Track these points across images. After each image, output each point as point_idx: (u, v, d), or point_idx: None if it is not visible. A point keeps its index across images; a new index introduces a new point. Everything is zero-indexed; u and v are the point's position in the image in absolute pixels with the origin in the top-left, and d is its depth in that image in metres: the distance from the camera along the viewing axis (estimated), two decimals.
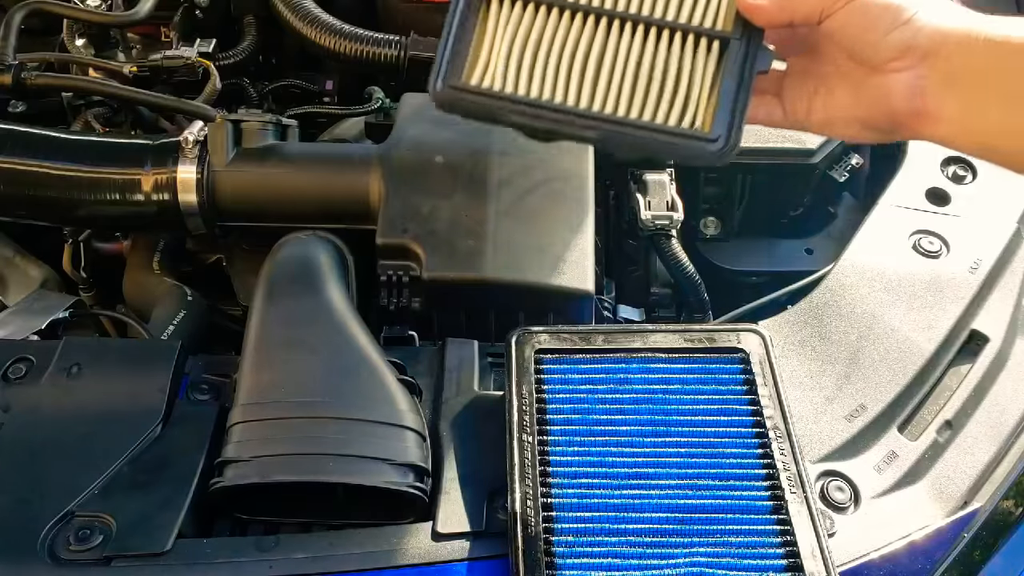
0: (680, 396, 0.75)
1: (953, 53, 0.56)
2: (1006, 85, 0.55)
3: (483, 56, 0.64)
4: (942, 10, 0.57)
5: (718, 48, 0.62)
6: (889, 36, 0.57)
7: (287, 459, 0.70)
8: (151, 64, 1.07)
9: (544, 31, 0.64)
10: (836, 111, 0.62)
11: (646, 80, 0.62)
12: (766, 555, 0.65)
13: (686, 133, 0.61)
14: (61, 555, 0.67)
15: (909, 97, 0.58)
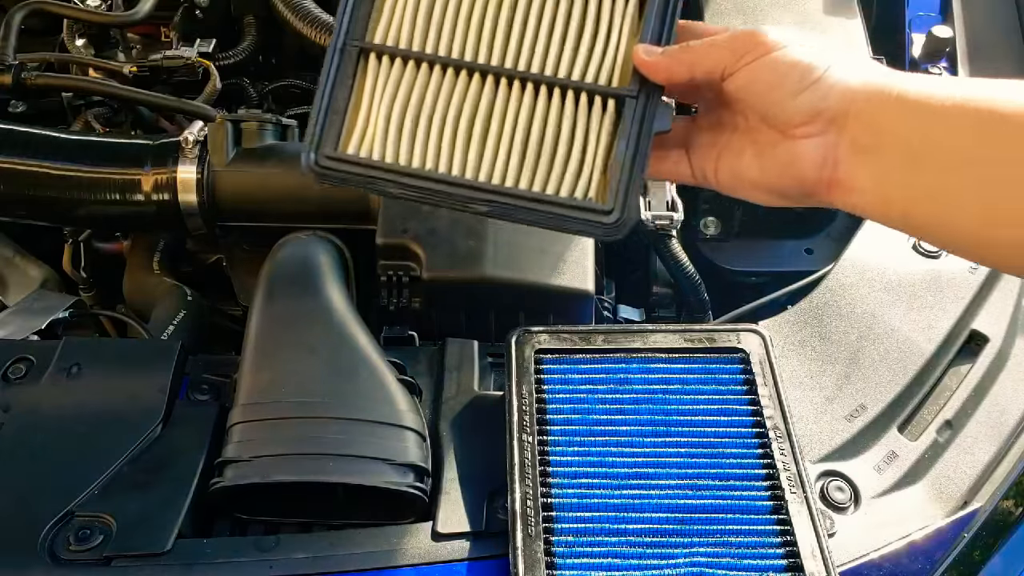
0: (680, 396, 0.75)
1: (865, 117, 0.51)
2: (923, 152, 0.49)
3: (360, 121, 0.59)
4: (856, 68, 0.53)
5: (614, 107, 0.58)
6: (797, 98, 0.52)
7: (287, 459, 0.70)
8: (151, 64, 1.07)
9: (427, 92, 0.59)
10: (743, 174, 0.57)
11: (536, 146, 0.58)
12: (766, 555, 0.65)
13: (578, 205, 0.57)
14: (61, 555, 0.67)
15: (819, 166, 0.53)
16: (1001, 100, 0.47)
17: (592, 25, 0.58)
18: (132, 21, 1.09)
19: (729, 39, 0.54)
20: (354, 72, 0.59)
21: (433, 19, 0.59)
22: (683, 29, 0.60)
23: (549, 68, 0.58)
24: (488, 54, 0.58)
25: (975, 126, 0.48)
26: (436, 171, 0.58)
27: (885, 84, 0.51)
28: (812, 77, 0.52)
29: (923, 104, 0.50)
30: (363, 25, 0.59)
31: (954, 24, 1.15)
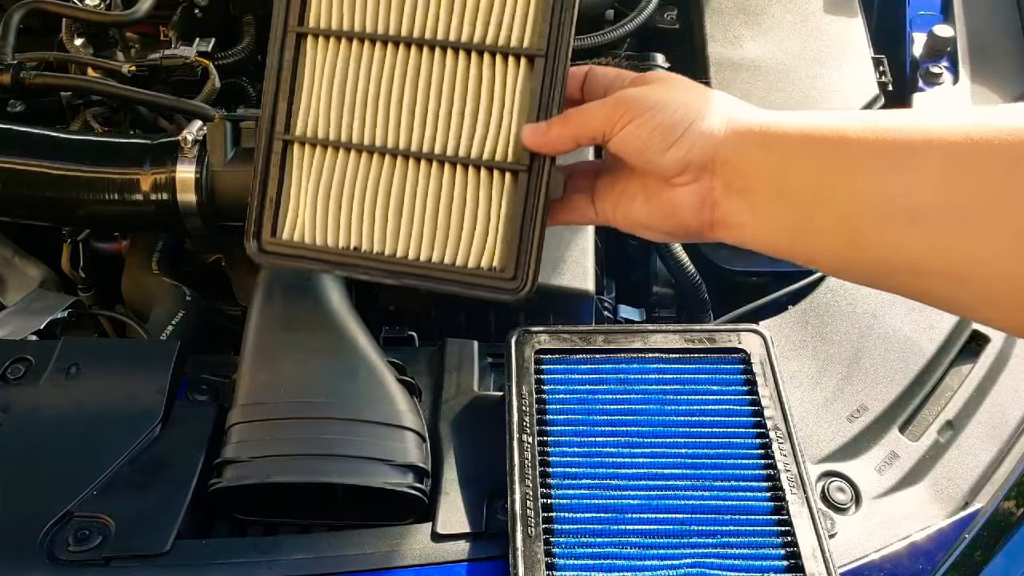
0: (681, 396, 0.74)
1: (732, 162, 0.55)
2: (785, 190, 0.53)
3: (292, 207, 0.66)
4: (723, 115, 0.56)
5: (510, 179, 0.63)
6: (665, 156, 0.56)
7: (286, 460, 0.70)
8: (150, 63, 1.07)
9: (345, 176, 0.65)
10: (636, 218, 0.62)
11: (445, 220, 0.64)
12: (767, 556, 0.65)
13: (486, 275, 0.63)
14: (60, 556, 0.67)
15: (699, 209, 0.57)
16: (850, 129, 0.51)
17: (486, 107, 0.63)
18: (131, 20, 1.09)
19: (602, 107, 0.59)
20: (282, 162, 0.66)
21: (345, 109, 0.65)
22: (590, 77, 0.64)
23: (451, 148, 0.63)
24: (396, 137, 0.64)
25: (823, 161, 0.52)
26: (360, 249, 0.65)
27: (748, 129, 0.55)
28: (675, 135, 0.56)
29: (779, 144, 0.54)
30: (285, 119, 0.66)
31: (955, 23, 1.15)
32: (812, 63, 1.06)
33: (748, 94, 1.03)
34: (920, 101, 1.07)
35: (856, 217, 0.50)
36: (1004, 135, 0.46)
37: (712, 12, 1.13)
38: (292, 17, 0.66)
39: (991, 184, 0.46)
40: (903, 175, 0.49)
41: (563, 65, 0.61)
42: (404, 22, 0.64)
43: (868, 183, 0.50)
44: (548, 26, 0.61)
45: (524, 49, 0.62)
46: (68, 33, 1.13)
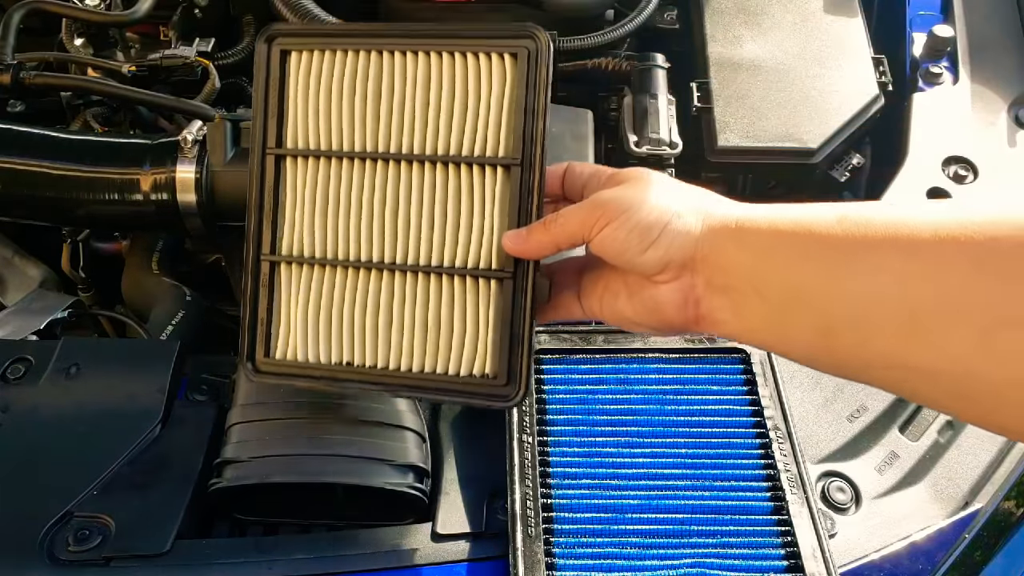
0: (680, 396, 0.75)
1: (711, 260, 0.55)
2: (762, 287, 0.53)
3: (283, 327, 0.68)
4: (701, 212, 0.57)
5: (496, 286, 0.63)
6: (644, 256, 0.56)
7: (286, 460, 0.70)
8: (150, 63, 1.07)
9: (333, 292, 0.66)
10: (622, 314, 0.62)
11: (435, 331, 0.65)
12: (767, 556, 0.65)
13: (476, 382, 0.64)
14: (60, 556, 0.67)
15: (681, 306, 0.57)
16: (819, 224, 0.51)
17: (467, 216, 0.64)
18: (131, 20, 1.09)
19: (578, 211, 0.59)
20: (270, 283, 0.67)
21: (329, 227, 0.66)
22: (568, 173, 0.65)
23: (435, 259, 0.64)
24: (381, 251, 0.65)
25: (792, 258, 0.52)
26: (353, 363, 0.66)
27: (723, 225, 0.56)
28: (652, 236, 0.56)
29: (751, 240, 0.54)
30: (271, 240, 0.67)
31: (955, 23, 1.15)
32: (812, 63, 1.06)
33: (748, 94, 1.03)
34: (920, 102, 1.07)
35: (827, 314, 0.50)
36: (971, 232, 0.45)
37: (712, 12, 1.13)
38: (270, 139, 0.67)
39: (956, 283, 0.45)
40: (869, 274, 0.48)
41: (539, 171, 0.62)
42: (380, 139, 0.65)
43: (835, 281, 0.50)
44: (521, 135, 0.62)
45: (500, 159, 0.63)
46: (68, 33, 1.13)
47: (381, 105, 0.65)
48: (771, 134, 1.01)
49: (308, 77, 0.67)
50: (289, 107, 0.67)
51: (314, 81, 0.66)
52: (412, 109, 0.65)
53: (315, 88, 0.66)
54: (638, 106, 1.02)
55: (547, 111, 0.62)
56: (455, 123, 0.64)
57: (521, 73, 0.62)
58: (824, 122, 1.01)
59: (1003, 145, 1.03)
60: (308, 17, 1.08)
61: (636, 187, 0.59)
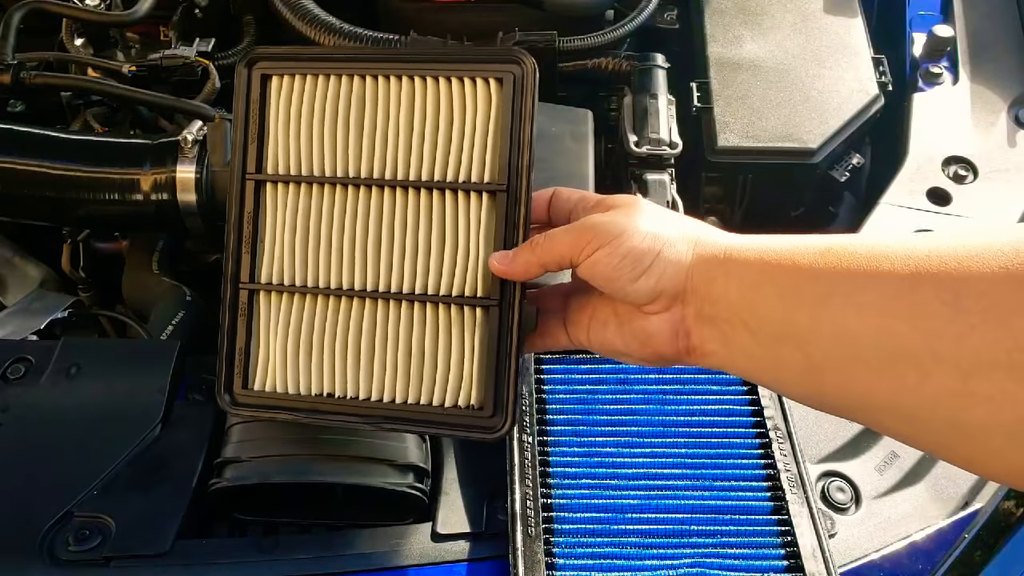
0: (680, 396, 0.75)
1: (701, 291, 0.54)
2: (751, 321, 0.52)
3: (262, 356, 0.66)
4: (690, 242, 0.55)
5: (482, 314, 0.62)
6: (635, 284, 0.55)
7: (286, 460, 0.70)
8: (150, 63, 1.07)
9: (314, 321, 0.65)
10: (610, 344, 0.60)
11: (419, 360, 0.63)
12: (767, 555, 0.65)
13: (461, 413, 0.62)
14: (60, 556, 0.67)
15: (672, 337, 0.56)
16: (804, 256, 0.50)
17: (452, 243, 0.63)
18: (131, 20, 1.09)
19: (567, 233, 0.58)
20: (249, 312, 0.66)
21: (310, 254, 0.65)
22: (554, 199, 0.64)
23: (419, 286, 0.63)
24: (363, 279, 0.64)
25: (778, 292, 0.50)
26: (334, 395, 0.64)
27: (713, 255, 0.54)
28: (644, 264, 0.55)
29: (739, 271, 0.53)
30: (250, 267, 0.66)
31: (955, 23, 1.15)
32: (812, 63, 1.06)
33: (748, 94, 1.03)
34: (920, 102, 1.07)
35: (813, 352, 0.49)
36: (949, 267, 0.43)
37: (712, 12, 1.13)
38: (249, 164, 0.66)
39: (934, 324, 0.43)
40: (852, 311, 0.47)
41: (525, 196, 0.61)
42: (363, 165, 0.64)
43: (819, 318, 0.48)
44: (507, 159, 0.61)
45: (485, 184, 0.62)
46: (68, 33, 1.14)
47: (364, 130, 0.64)
48: (771, 134, 1.01)
49: (289, 102, 0.65)
50: (270, 132, 0.66)
51: (295, 106, 0.65)
52: (395, 134, 0.64)
53: (296, 113, 0.65)
54: (638, 106, 1.02)
55: (533, 137, 0.61)
56: (439, 148, 0.63)
57: (507, 98, 0.61)
58: (824, 122, 1.01)
59: (1003, 145, 1.03)
60: (308, 17, 1.09)
61: (627, 213, 0.57)
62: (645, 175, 0.99)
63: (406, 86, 0.64)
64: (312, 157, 0.65)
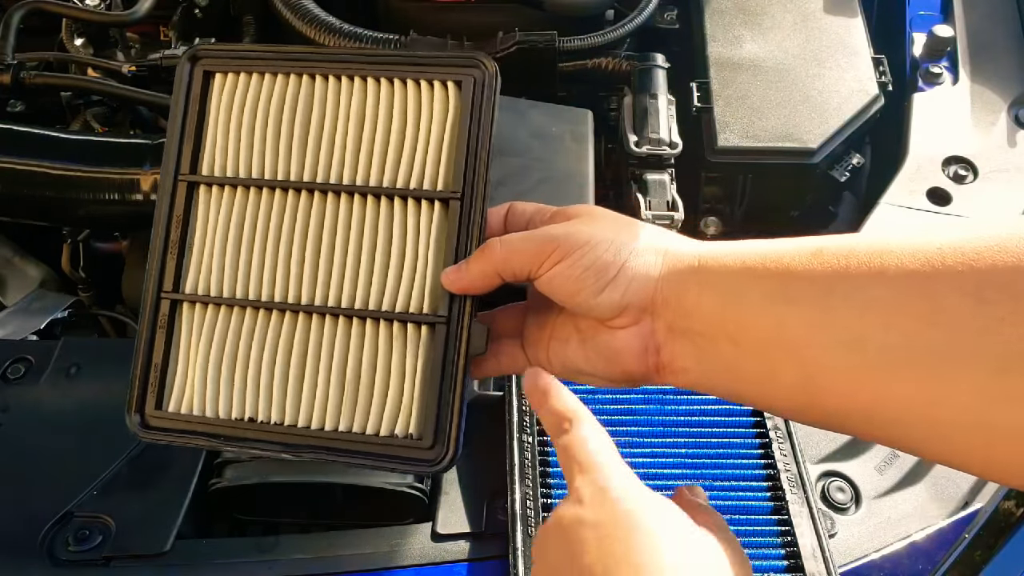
0: (680, 396, 0.74)
1: (672, 303, 0.50)
2: (732, 331, 0.48)
3: (179, 375, 0.60)
4: (659, 253, 0.51)
5: (427, 333, 0.56)
6: (599, 297, 0.50)
7: (286, 460, 0.70)
8: (150, 63, 1.07)
9: (240, 337, 0.59)
10: (572, 364, 0.55)
11: (354, 383, 0.57)
12: (767, 555, 0.65)
13: (397, 443, 0.56)
14: (60, 555, 0.67)
15: (641, 353, 0.51)
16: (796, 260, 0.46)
17: (398, 255, 0.58)
18: (131, 20, 1.09)
19: (528, 242, 0.53)
20: (169, 324, 0.60)
21: (241, 263, 0.59)
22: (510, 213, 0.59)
23: (359, 301, 0.58)
24: (298, 292, 0.58)
25: (768, 299, 0.46)
26: (256, 420, 0.58)
27: (687, 264, 0.50)
28: (608, 276, 0.50)
29: (720, 281, 0.49)
30: (174, 276, 0.60)
31: (955, 23, 1.15)
32: (812, 63, 1.06)
33: (748, 94, 1.03)
34: (920, 102, 1.07)
35: (808, 361, 0.45)
36: (969, 258, 0.40)
37: (712, 12, 1.13)
38: (184, 164, 0.61)
39: (958, 320, 0.39)
40: (854, 313, 0.43)
41: (481, 205, 0.57)
42: (306, 168, 0.59)
43: (815, 324, 0.44)
44: (463, 166, 0.57)
45: (438, 192, 0.57)
46: (68, 33, 1.14)
47: (310, 132, 0.60)
48: (771, 134, 1.01)
49: (232, 100, 0.61)
50: (208, 131, 0.61)
51: (237, 105, 0.61)
52: (344, 137, 0.59)
53: (238, 112, 0.61)
54: (638, 106, 1.02)
55: (491, 143, 0.57)
56: (390, 152, 0.59)
57: (465, 103, 0.57)
58: (824, 122, 1.01)
59: (1003, 145, 1.03)
60: (308, 17, 1.09)
61: (590, 222, 0.53)
62: (645, 175, 0.99)
63: (358, 87, 0.60)
64: (252, 159, 0.60)
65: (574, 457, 0.47)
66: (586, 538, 0.43)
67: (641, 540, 0.42)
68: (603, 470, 0.46)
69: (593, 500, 0.44)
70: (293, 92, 0.60)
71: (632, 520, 0.43)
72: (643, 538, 0.42)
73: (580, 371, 0.55)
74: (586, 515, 0.44)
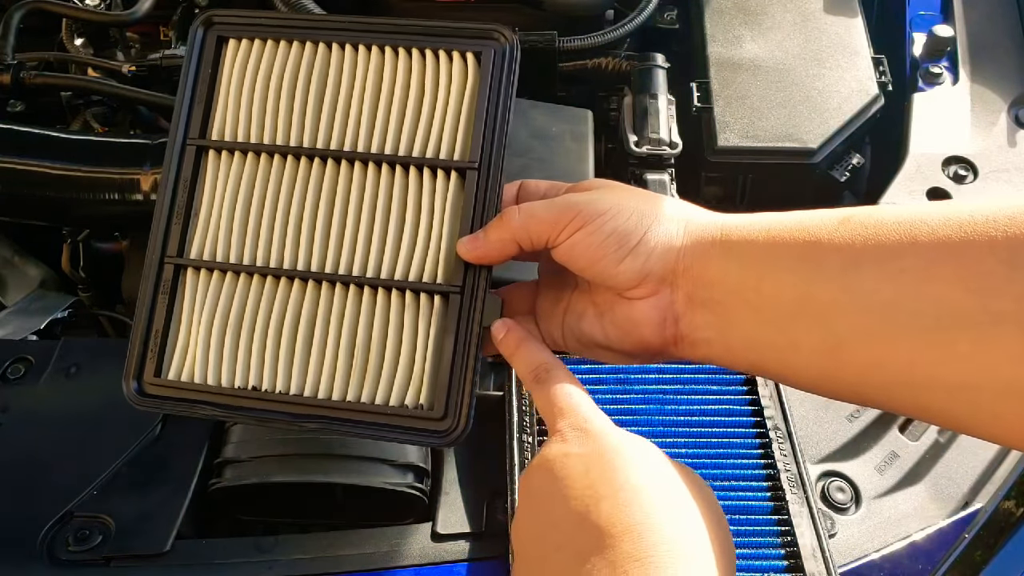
0: (680, 396, 0.74)
1: (694, 272, 0.50)
2: (755, 301, 0.47)
3: (181, 341, 0.58)
4: (679, 222, 0.51)
5: (440, 304, 0.56)
6: (620, 266, 0.50)
7: (286, 460, 0.70)
8: (150, 63, 1.07)
9: (246, 304, 0.57)
10: (588, 337, 0.54)
11: (364, 352, 0.56)
12: (767, 555, 0.65)
13: (407, 414, 0.54)
14: (60, 556, 0.67)
15: (659, 325, 0.51)
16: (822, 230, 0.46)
17: (412, 225, 0.57)
18: (131, 20, 1.09)
19: (548, 209, 0.52)
20: (172, 290, 0.58)
21: (250, 230, 0.58)
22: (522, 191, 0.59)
23: (371, 269, 0.57)
24: (308, 259, 0.57)
25: (796, 269, 0.46)
26: (260, 389, 0.57)
27: (708, 236, 0.50)
28: (630, 244, 0.50)
29: (745, 251, 0.48)
30: (179, 241, 0.59)
31: (955, 23, 1.15)
32: (812, 63, 1.06)
33: (748, 94, 1.03)
34: (920, 102, 1.07)
35: (836, 328, 0.45)
36: (1002, 225, 0.40)
37: (712, 12, 1.13)
38: (193, 128, 0.60)
39: (994, 283, 0.40)
40: (886, 279, 0.43)
41: (498, 176, 0.56)
42: (320, 136, 0.59)
43: (845, 289, 0.44)
44: (480, 136, 0.57)
45: (455, 162, 0.57)
46: (68, 33, 1.14)
47: (324, 99, 0.59)
48: (771, 134, 1.01)
49: (245, 66, 0.60)
50: (219, 97, 0.60)
51: (251, 70, 0.60)
52: (359, 106, 0.58)
53: (251, 78, 0.60)
54: (638, 106, 1.02)
55: (510, 115, 0.57)
56: (407, 122, 0.58)
57: (485, 74, 0.57)
58: (824, 122, 1.01)
59: (1003, 145, 1.03)
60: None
61: (611, 192, 0.53)
62: (645, 175, 0.99)
63: (375, 56, 0.59)
64: (264, 124, 0.59)
65: (554, 403, 0.49)
66: (572, 466, 0.45)
67: (624, 465, 0.45)
68: (583, 411, 0.49)
69: (576, 438, 0.47)
70: (308, 60, 0.60)
71: (615, 450, 0.46)
72: (626, 464, 0.45)
73: (597, 345, 0.54)
74: (571, 449, 0.46)
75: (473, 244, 0.55)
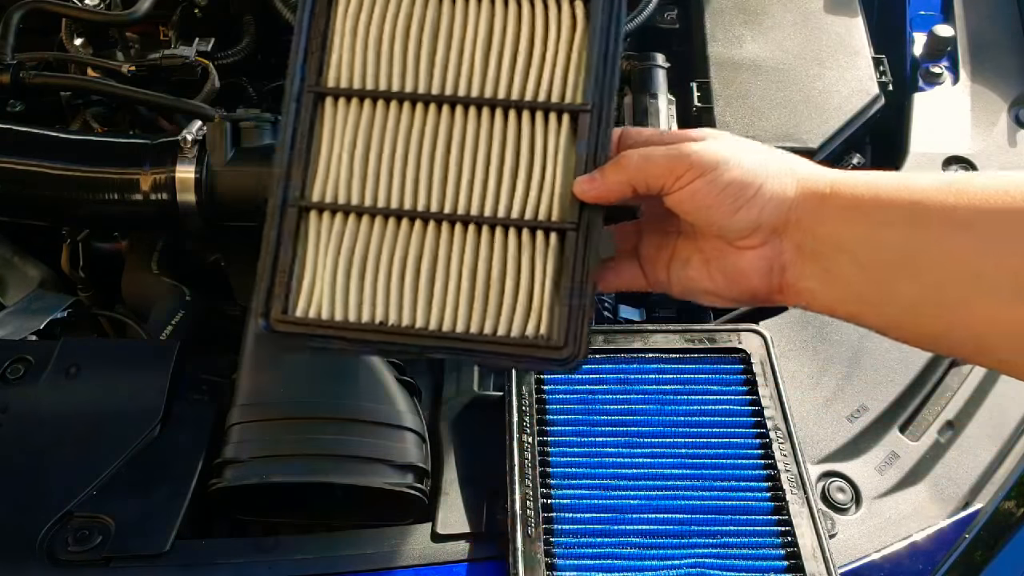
0: (680, 396, 0.75)
1: (804, 224, 0.52)
2: (862, 256, 0.50)
3: (307, 280, 0.60)
4: (792, 176, 0.54)
5: (556, 241, 0.58)
6: (735, 216, 0.53)
7: (286, 460, 0.70)
8: (150, 63, 1.07)
9: (369, 244, 0.59)
10: (694, 284, 0.57)
11: (484, 287, 0.58)
12: (767, 555, 0.65)
13: (531, 343, 0.57)
14: (60, 556, 0.67)
15: (766, 274, 0.54)
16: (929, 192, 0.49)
17: (527, 166, 0.59)
18: (131, 20, 1.09)
19: (665, 158, 0.54)
20: (296, 231, 0.60)
21: (370, 173, 0.60)
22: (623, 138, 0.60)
23: (488, 209, 0.58)
24: (428, 200, 0.59)
25: (903, 227, 0.49)
26: (387, 323, 0.58)
27: (818, 190, 0.53)
28: (747, 195, 0.52)
29: (855, 208, 0.51)
30: (300, 184, 0.60)
31: (955, 23, 1.15)
32: (812, 63, 1.06)
33: (748, 94, 1.03)
34: (920, 102, 1.07)
35: (945, 289, 0.48)
36: None
37: (712, 12, 1.13)
38: (310, 76, 0.61)
39: None
40: (1003, 242, 0.46)
41: (609, 119, 0.58)
42: (435, 82, 0.60)
43: (959, 252, 0.47)
44: (593, 79, 0.58)
45: (567, 105, 0.58)
46: (68, 33, 1.13)
47: (438, 47, 0.60)
48: (771, 134, 1.01)
49: (358, 15, 0.61)
50: (334, 45, 0.61)
51: (364, 19, 0.61)
52: (472, 53, 0.60)
53: (364, 27, 0.61)
54: (638, 106, 1.02)
55: (620, 59, 0.58)
56: (518, 67, 0.59)
57: (594, 17, 0.58)
58: (824, 122, 1.01)
59: (1003, 145, 1.03)
60: None
61: (725, 142, 0.55)
62: None
63: (486, 5, 0.60)
64: (379, 72, 0.61)
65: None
66: None
67: None
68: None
69: None
70: (421, 8, 0.61)
71: None
72: None
73: (703, 289, 0.57)
74: None
75: (590, 184, 0.56)
